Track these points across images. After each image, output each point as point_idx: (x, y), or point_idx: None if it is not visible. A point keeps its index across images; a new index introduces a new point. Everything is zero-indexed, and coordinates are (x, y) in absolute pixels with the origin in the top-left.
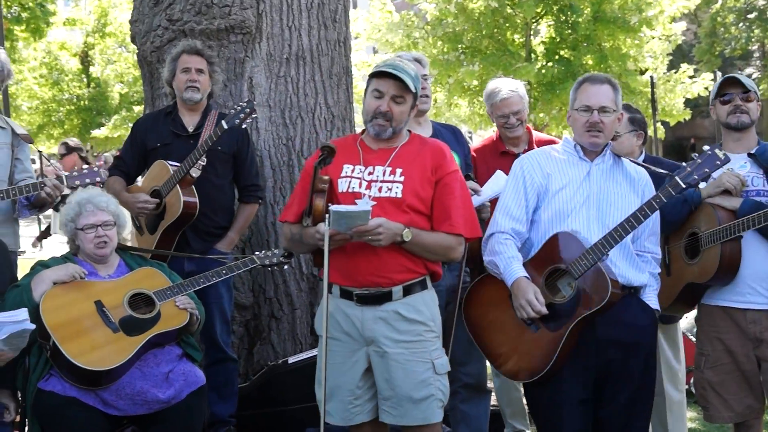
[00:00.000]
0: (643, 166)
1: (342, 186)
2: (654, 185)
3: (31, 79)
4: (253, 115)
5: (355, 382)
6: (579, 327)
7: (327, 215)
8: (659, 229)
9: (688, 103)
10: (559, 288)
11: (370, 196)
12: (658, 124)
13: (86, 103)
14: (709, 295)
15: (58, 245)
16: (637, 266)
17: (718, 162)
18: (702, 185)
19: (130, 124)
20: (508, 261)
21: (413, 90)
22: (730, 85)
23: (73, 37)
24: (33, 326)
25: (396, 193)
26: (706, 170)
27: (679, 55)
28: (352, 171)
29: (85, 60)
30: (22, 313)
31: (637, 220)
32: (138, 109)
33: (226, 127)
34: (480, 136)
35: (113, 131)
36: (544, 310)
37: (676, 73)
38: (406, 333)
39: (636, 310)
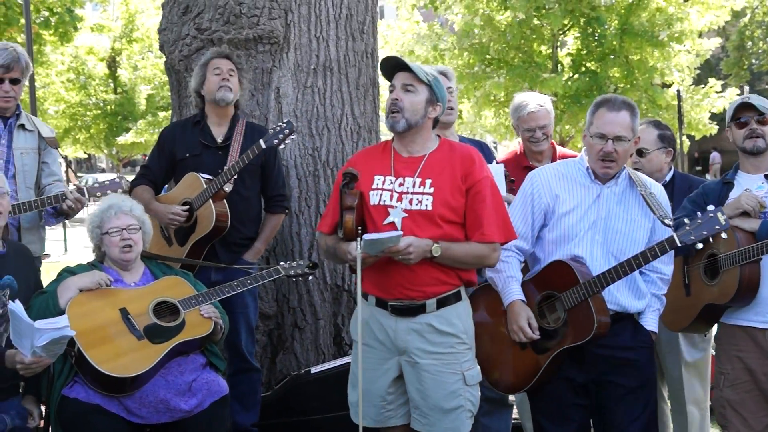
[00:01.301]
0: (649, 206)
1: (373, 199)
2: (686, 192)
3: (58, 84)
4: (292, 136)
5: (386, 389)
6: (563, 353)
7: (359, 238)
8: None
9: (714, 117)
10: (556, 308)
11: (402, 209)
12: (684, 138)
13: (113, 107)
14: (729, 315)
15: (82, 249)
16: (637, 292)
17: (718, 227)
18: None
19: (156, 129)
20: (506, 281)
21: (425, 81)
22: (745, 109)
23: (101, 42)
24: (73, 333)
25: (426, 205)
26: (704, 233)
27: (706, 69)
28: (383, 183)
29: (112, 65)
30: (63, 320)
31: (630, 267)
32: (163, 115)
33: (264, 146)
34: (505, 146)
35: (138, 136)
36: (536, 337)
37: (703, 87)
38: (439, 345)
39: (627, 336)
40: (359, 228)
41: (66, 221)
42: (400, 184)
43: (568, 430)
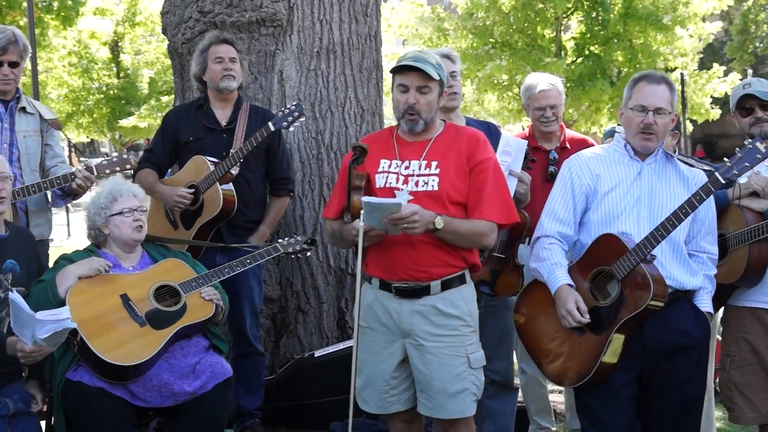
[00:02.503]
0: (688, 163)
1: (379, 181)
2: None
3: (60, 68)
4: (301, 119)
5: (390, 372)
6: (624, 330)
7: (362, 211)
8: (716, 228)
9: (717, 101)
10: (608, 290)
11: (408, 191)
12: (687, 122)
13: (115, 92)
14: (736, 296)
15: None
16: (690, 269)
17: (759, 156)
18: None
19: (159, 114)
20: (551, 268)
21: (437, 78)
22: (748, 98)
23: (103, 26)
24: (74, 325)
25: (432, 186)
26: (746, 164)
27: (710, 53)
28: (389, 166)
29: (115, 49)
30: (64, 312)
31: (677, 218)
32: (166, 99)
33: (272, 129)
34: (509, 130)
35: (141, 120)
36: (585, 320)
37: (707, 72)
38: (443, 327)
39: (687, 316)
40: (362, 201)
41: (69, 206)
42: (406, 167)
43: (622, 418)
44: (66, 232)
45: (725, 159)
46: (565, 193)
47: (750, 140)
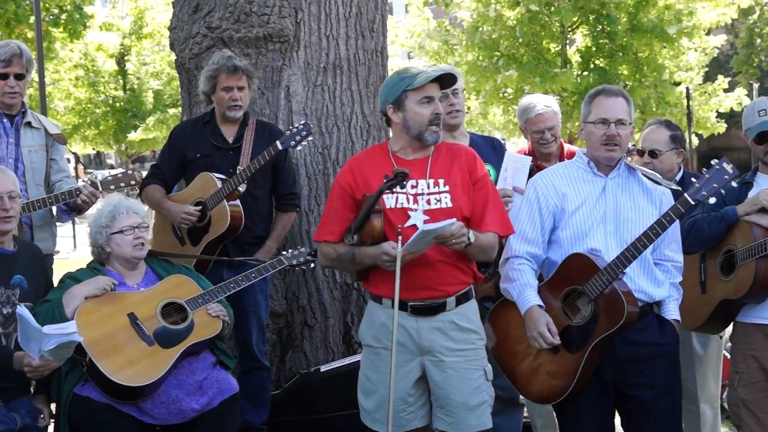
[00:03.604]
0: (654, 180)
1: (389, 202)
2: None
3: (67, 80)
4: (309, 138)
5: (407, 390)
6: (599, 347)
7: (400, 236)
8: (680, 236)
9: (721, 116)
10: (579, 307)
11: (422, 210)
12: (692, 136)
13: (122, 104)
14: (744, 313)
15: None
16: (656, 280)
17: (727, 177)
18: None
19: (165, 126)
20: (521, 289)
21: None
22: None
23: (110, 39)
24: (81, 338)
25: (446, 203)
26: (715, 185)
27: (715, 66)
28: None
29: (122, 62)
30: (71, 326)
31: (648, 238)
32: (172, 112)
33: (280, 147)
34: (514, 143)
35: (148, 133)
36: (556, 342)
37: (711, 84)
38: (461, 342)
39: (653, 329)
40: (399, 227)
41: (75, 218)
42: (413, 186)
43: (599, 428)
44: (72, 244)
45: (693, 179)
46: (532, 213)
47: (717, 161)
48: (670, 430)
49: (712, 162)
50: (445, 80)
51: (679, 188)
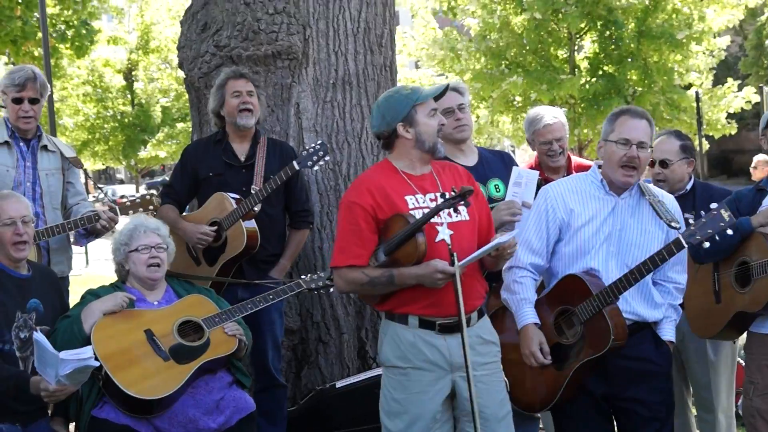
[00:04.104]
0: (657, 212)
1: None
2: (707, 199)
3: (75, 96)
4: (326, 158)
5: (437, 408)
6: (585, 366)
7: (454, 254)
8: (685, 258)
9: (732, 116)
10: (573, 323)
11: (447, 224)
12: (703, 139)
13: (130, 119)
14: (759, 323)
15: (103, 262)
16: (652, 302)
17: (722, 224)
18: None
19: (174, 141)
20: (519, 303)
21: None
22: None
23: (117, 54)
24: (97, 364)
25: (465, 216)
26: (710, 231)
27: (724, 68)
28: (417, 202)
29: (129, 77)
30: (87, 351)
31: (640, 273)
32: (181, 126)
33: (297, 168)
34: (524, 150)
35: (157, 148)
36: (547, 362)
37: (720, 87)
38: (486, 355)
39: (647, 345)
40: (452, 253)
41: None
42: (432, 200)
43: None
44: (84, 260)
45: (690, 222)
46: (540, 224)
47: (716, 205)
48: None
49: (711, 206)
50: (441, 93)
51: (678, 227)
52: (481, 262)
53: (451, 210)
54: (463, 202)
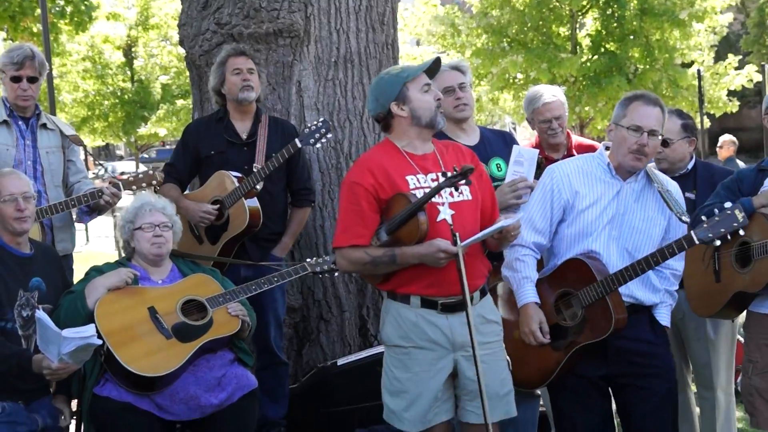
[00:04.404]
0: (667, 202)
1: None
2: (709, 179)
3: (75, 73)
4: (328, 136)
5: (439, 387)
6: (582, 349)
7: (457, 234)
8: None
9: (733, 94)
10: (573, 305)
11: (448, 204)
12: (704, 117)
13: (130, 96)
14: (759, 303)
15: (104, 239)
16: (651, 286)
17: (735, 224)
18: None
19: (174, 118)
20: (521, 282)
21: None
22: None
23: (117, 30)
24: (99, 342)
25: (467, 195)
26: (722, 230)
27: (725, 46)
28: (418, 181)
29: (129, 53)
30: (90, 329)
31: (648, 264)
32: (180, 103)
33: (299, 146)
34: (524, 127)
35: (157, 125)
36: (546, 341)
37: (721, 64)
38: (489, 334)
39: (644, 327)
40: (454, 233)
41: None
42: (433, 180)
43: (591, 418)
44: (85, 237)
45: (703, 218)
46: (545, 203)
47: (731, 204)
48: (664, 422)
49: (726, 205)
50: (432, 69)
51: (688, 221)
52: (484, 242)
53: (453, 189)
54: (464, 181)
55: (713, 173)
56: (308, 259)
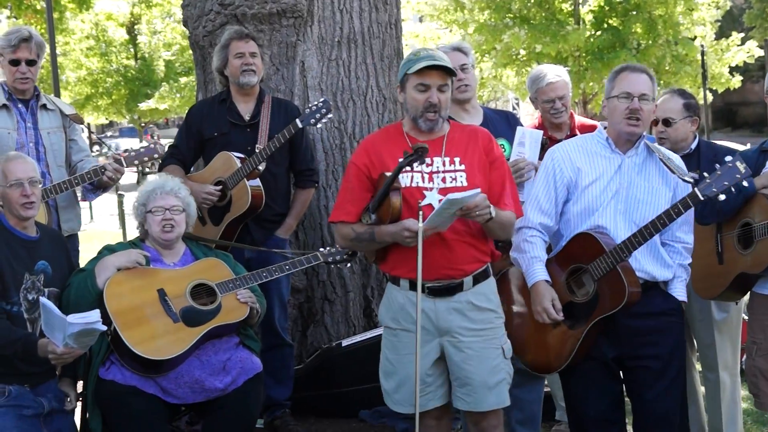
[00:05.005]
0: (670, 168)
1: (404, 181)
2: (712, 159)
3: (78, 51)
4: (329, 116)
5: (425, 371)
6: (598, 326)
7: (421, 212)
8: (692, 218)
9: (736, 69)
10: (584, 283)
11: (437, 189)
12: (707, 92)
13: (133, 73)
14: (762, 284)
15: (108, 217)
16: (662, 261)
17: (738, 176)
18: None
19: (177, 95)
20: (530, 261)
21: (453, 73)
22: None
23: (120, 8)
24: (104, 328)
25: (462, 182)
26: (725, 183)
27: (729, 20)
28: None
29: (132, 30)
30: (95, 315)
31: (655, 227)
32: (184, 80)
33: (300, 126)
34: (527, 104)
35: (160, 102)
36: (559, 318)
37: (726, 40)
38: (479, 322)
39: (658, 302)
40: (419, 202)
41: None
42: (428, 165)
43: (602, 401)
44: (89, 215)
45: (705, 174)
46: (548, 184)
47: (731, 158)
48: (673, 402)
49: (726, 159)
50: (448, 69)
51: (692, 181)
52: (482, 229)
53: (446, 176)
54: (418, 161)
55: (716, 153)
56: (321, 249)
